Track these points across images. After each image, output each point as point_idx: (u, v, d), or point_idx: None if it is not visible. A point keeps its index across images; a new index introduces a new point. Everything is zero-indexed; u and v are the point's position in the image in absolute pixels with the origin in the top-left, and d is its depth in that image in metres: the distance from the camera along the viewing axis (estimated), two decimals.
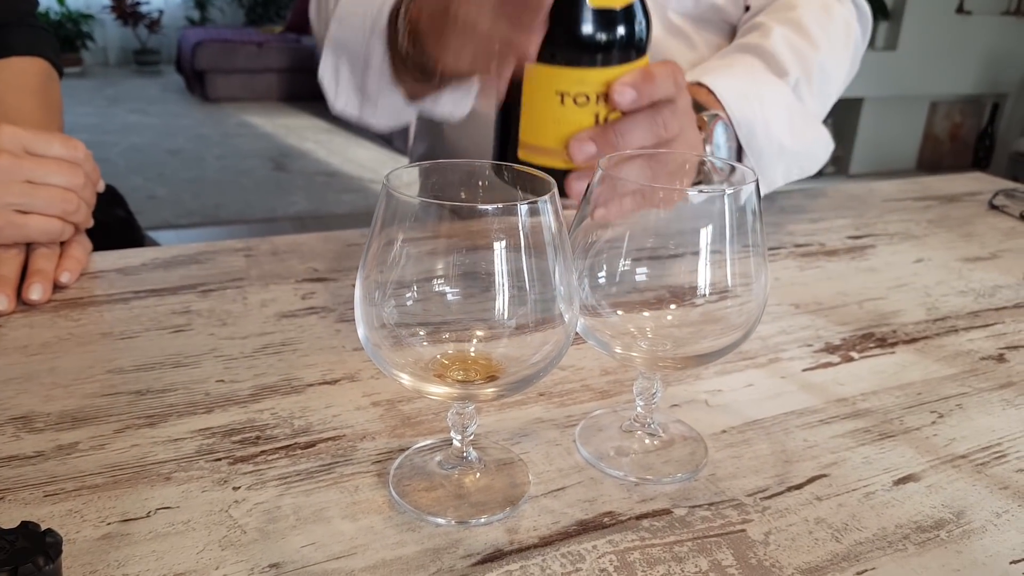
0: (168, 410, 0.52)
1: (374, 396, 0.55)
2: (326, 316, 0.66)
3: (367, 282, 0.42)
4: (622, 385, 0.59)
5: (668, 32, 0.99)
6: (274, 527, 0.43)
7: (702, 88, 0.78)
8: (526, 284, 0.41)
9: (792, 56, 0.87)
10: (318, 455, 0.49)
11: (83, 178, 0.68)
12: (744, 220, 0.46)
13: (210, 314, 0.65)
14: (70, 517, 0.43)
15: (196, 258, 0.76)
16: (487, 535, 0.43)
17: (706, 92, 0.78)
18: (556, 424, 0.54)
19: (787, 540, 0.44)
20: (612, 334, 0.49)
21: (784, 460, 0.51)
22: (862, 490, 0.49)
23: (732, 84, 0.79)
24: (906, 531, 0.45)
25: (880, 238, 0.91)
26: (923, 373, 0.63)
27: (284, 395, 0.55)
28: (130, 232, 0.99)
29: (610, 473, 0.49)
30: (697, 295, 0.47)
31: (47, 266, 0.67)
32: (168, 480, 0.46)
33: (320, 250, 0.79)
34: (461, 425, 0.46)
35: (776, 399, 0.58)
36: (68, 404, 0.52)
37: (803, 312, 0.72)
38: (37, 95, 0.82)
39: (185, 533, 0.42)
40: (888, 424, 0.56)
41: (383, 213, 0.41)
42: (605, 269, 0.49)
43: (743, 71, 0.84)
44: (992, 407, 0.59)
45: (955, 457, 0.53)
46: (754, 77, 0.83)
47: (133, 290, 0.69)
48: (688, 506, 0.46)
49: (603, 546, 0.43)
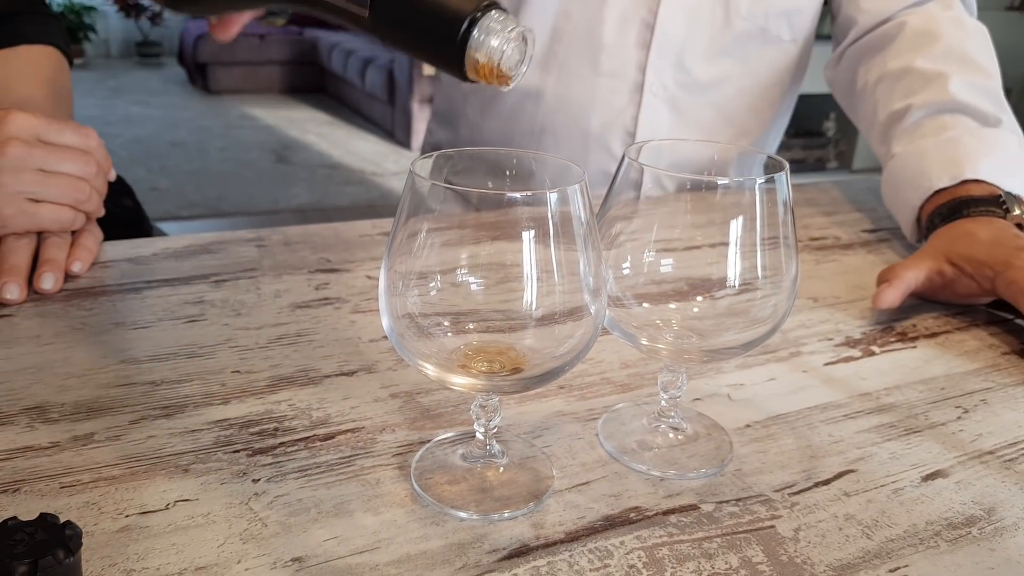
0: (184, 401, 0.52)
1: (392, 388, 0.54)
2: (340, 307, 0.65)
3: (392, 272, 0.41)
4: (643, 378, 0.58)
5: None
6: (295, 520, 0.42)
7: (972, 184, 0.78)
8: (554, 275, 0.40)
9: (985, 100, 0.86)
10: (338, 447, 0.48)
11: (95, 167, 0.67)
12: (775, 212, 0.45)
13: (224, 304, 0.64)
14: (87, 509, 0.42)
15: (208, 248, 0.75)
16: (512, 530, 0.42)
17: (976, 184, 0.78)
18: (578, 418, 0.53)
19: (817, 536, 0.43)
20: (637, 325, 0.48)
21: (810, 455, 0.50)
22: (890, 486, 0.48)
23: (990, 162, 0.79)
24: (937, 528, 0.45)
25: (895, 232, 0.90)
26: (946, 368, 0.62)
27: (301, 386, 0.54)
28: (139, 222, 0.98)
29: (634, 468, 0.48)
30: (725, 287, 0.46)
31: (59, 255, 0.66)
32: (186, 472, 0.45)
33: (332, 241, 0.78)
34: (485, 417, 0.45)
35: (799, 393, 0.57)
36: (83, 394, 0.52)
37: (822, 306, 0.71)
38: (48, 84, 0.81)
39: (205, 526, 0.41)
40: (913, 419, 0.55)
41: (409, 201, 0.40)
42: (630, 260, 0.48)
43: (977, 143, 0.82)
44: (1017, 402, 0.58)
45: (982, 453, 0.52)
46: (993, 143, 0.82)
47: (145, 280, 0.68)
48: (715, 502, 0.46)
49: (631, 542, 0.42)
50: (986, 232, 0.72)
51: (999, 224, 0.73)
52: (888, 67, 0.93)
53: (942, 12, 0.94)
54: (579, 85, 1.00)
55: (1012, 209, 0.75)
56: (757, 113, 1.07)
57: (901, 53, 0.92)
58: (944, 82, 0.87)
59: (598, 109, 1.01)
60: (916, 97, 0.88)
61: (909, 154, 0.85)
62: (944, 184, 0.79)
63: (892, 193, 0.87)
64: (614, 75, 0.99)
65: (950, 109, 0.86)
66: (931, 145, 0.83)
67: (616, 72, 0.99)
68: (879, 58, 0.95)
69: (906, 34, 0.93)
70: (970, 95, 0.86)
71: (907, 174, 0.84)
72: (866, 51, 0.98)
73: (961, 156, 0.80)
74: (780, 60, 1.04)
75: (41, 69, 0.82)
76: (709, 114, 1.04)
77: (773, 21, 1.00)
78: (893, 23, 0.95)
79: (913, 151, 0.84)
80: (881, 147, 0.93)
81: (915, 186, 0.82)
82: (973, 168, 0.78)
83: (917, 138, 0.86)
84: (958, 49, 0.90)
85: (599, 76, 0.99)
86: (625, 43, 0.98)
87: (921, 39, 0.92)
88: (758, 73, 1.03)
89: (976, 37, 0.92)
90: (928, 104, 0.87)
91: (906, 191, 0.83)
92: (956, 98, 0.85)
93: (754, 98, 1.05)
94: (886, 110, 0.91)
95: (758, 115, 1.07)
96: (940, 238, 0.74)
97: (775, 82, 1.05)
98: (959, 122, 0.85)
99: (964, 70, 0.88)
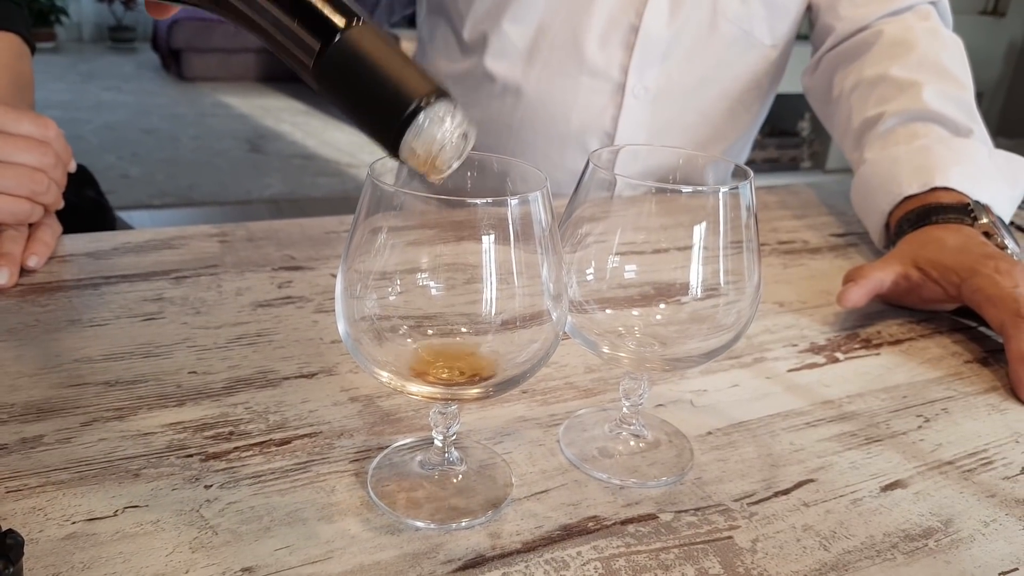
0: (138, 402, 0.51)
1: (352, 391, 0.54)
2: (303, 306, 0.64)
3: (349, 274, 0.40)
4: (606, 383, 0.57)
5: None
6: (247, 528, 0.41)
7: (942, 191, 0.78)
8: (514, 280, 0.40)
9: (957, 110, 0.86)
10: (293, 453, 0.47)
11: (53, 158, 0.66)
12: (739, 217, 0.44)
13: (183, 302, 0.63)
14: (33, 515, 0.41)
15: (169, 243, 0.73)
16: (468, 540, 0.42)
17: (945, 191, 0.78)
18: (539, 423, 0.52)
19: (775, 548, 0.43)
20: (599, 332, 0.48)
21: (771, 464, 0.50)
22: (849, 496, 0.48)
23: (960, 171, 0.79)
24: (894, 540, 0.45)
25: (864, 236, 0.91)
26: (908, 376, 0.62)
27: (259, 388, 0.53)
28: (101, 214, 0.96)
29: (594, 476, 0.48)
30: (687, 293, 0.46)
31: (14, 249, 0.64)
32: (137, 477, 0.44)
33: (297, 237, 0.77)
34: (444, 425, 0.44)
35: (762, 400, 0.57)
36: (33, 394, 0.50)
37: (788, 311, 0.71)
38: (8, 71, 0.79)
39: (154, 534, 0.40)
40: (874, 428, 0.55)
41: (367, 203, 0.39)
42: (593, 265, 0.48)
43: (948, 151, 0.82)
44: (977, 411, 0.58)
45: (942, 463, 0.52)
46: (963, 153, 0.82)
47: (103, 275, 0.66)
48: (674, 511, 0.45)
49: (588, 552, 0.42)
50: (954, 239, 0.72)
51: (967, 232, 0.74)
52: (864, 74, 0.93)
53: (919, 22, 0.94)
54: (560, 83, 0.99)
55: (980, 217, 0.75)
56: (735, 116, 1.07)
57: (877, 61, 0.93)
58: (918, 91, 0.87)
59: (578, 108, 1.00)
60: (889, 105, 0.89)
61: (880, 160, 0.85)
62: (914, 191, 0.79)
63: (862, 198, 0.87)
64: (596, 75, 0.99)
65: (922, 118, 0.86)
66: (903, 152, 0.83)
67: (598, 72, 0.99)
68: (855, 66, 0.95)
69: (882, 43, 0.93)
70: (943, 105, 0.86)
71: (877, 180, 0.84)
72: (843, 58, 0.98)
73: (932, 164, 0.80)
74: (760, 64, 1.04)
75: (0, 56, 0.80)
76: (688, 116, 1.04)
77: (757, 25, 1.00)
78: (870, 31, 0.96)
79: (884, 157, 0.85)
80: (853, 153, 0.93)
81: (885, 191, 0.82)
82: (943, 176, 0.79)
83: (889, 145, 0.86)
84: (933, 59, 0.90)
85: (581, 75, 0.99)
86: (609, 44, 0.97)
87: (897, 48, 0.92)
88: (738, 77, 1.04)
89: (951, 48, 0.93)
90: (901, 112, 0.87)
91: (876, 196, 0.83)
92: (929, 107, 0.86)
93: (733, 102, 1.05)
94: (860, 116, 0.91)
95: (736, 118, 1.07)
96: (908, 243, 0.75)
97: (754, 86, 1.05)
98: (931, 131, 0.85)
99: (938, 80, 0.89)
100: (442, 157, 0.36)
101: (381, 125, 0.35)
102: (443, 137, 0.35)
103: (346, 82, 0.35)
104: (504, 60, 1.00)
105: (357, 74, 0.35)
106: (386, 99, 0.34)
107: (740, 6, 0.98)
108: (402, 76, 0.34)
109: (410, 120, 0.34)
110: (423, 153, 0.35)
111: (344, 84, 0.35)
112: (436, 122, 0.35)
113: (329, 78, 0.35)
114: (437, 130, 0.35)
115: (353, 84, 0.35)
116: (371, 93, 0.35)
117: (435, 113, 0.35)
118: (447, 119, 0.35)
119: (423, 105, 0.34)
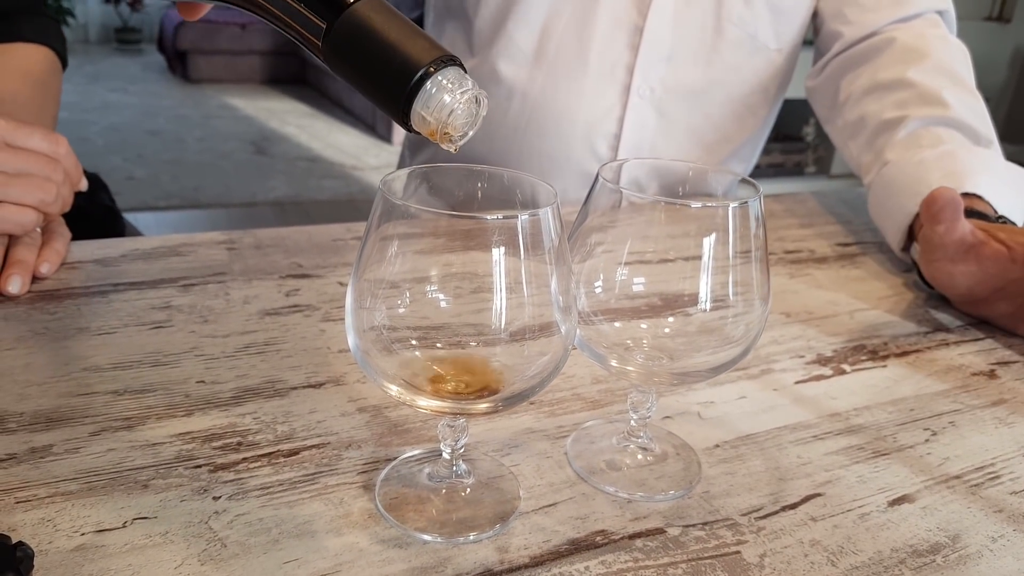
0: (146, 412, 0.51)
1: (360, 401, 0.54)
2: (311, 315, 0.64)
3: (359, 289, 0.40)
4: (614, 395, 0.57)
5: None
6: (255, 541, 0.41)
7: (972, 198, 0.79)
8: (524, 294, 0.40)
9: (977, 120, 0.87)
10: (302, 464, 0.47)
11: (62, 175, 0.66)
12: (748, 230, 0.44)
13: (191, 310, 0.63)
14: (42, 526, 0.41)
15: (177, 250, 0.74)
16: (476, 554, 0.42)
17: (976, 199, 0.79)
18: (547, 435, 0.52)
19: (783, 564, 0.43)
20: (607, 345, 0.48)
21: (778, 478, 0.50)
22: (857, 511, 0.48)
23: (987, 181, 0.80)
24: (902, 555, 0.45)
25: (869, 246, 0.91)
26: (915, 388, 0.62)
27: (267, 398, 0.53)
28: (112, 220, 0.96)
29: (602, 489, 0.48)
30: (696, 304, 0.46)
31: (28, 257, 0.64)
32: (146, 488, 0.44)
33: (305, 245, 0.77)
34: (452, 438, 0.44)
35: (769, 412, 0.57)
36: (42, 403, 0.51)
37: (794, 322, 0.71)
38: (37, 85, 0.79)
39: (163, 546, 0.40)
40: (881, 441, 0.55)
41: (378, 219, 0.39)
42: (602, 277, 0.48)
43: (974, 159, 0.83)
44: (985, 425, 0.58)
45: (949, 477, 0.52)
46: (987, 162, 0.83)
47: (112, 283, 0.67)
48: (682, 525, 0.45)
49: (595, 567, 0.42)
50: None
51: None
52: (878, 78, 0.93)
53: (929, 29, 0.95)
54: (566, 85, 1.00)
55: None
56: (741, 120, 1.07)
57: (892, 65, 0.93)
58: (940, 96, 0.87)
59: (584, 109, 1.00)
60: (911, 108, 0.89)
61: (906, 162, 0.85)
62: None
63: (884, 199, 0.86)
64: (601, 76, 0.99)
65: (946, 123, 0.86)
66: (930, 156, 0.83)
67: (604, 73, 0.99)
68: (866, 69, 0.95)
69: (896, 48, 0.93)
70: (965, 113, 0.87)
71: (903, 181, 0.84)
72: (851, 63, 0.98)
73: (960, 170, 0.80)
74: (766, 68, 1.04)
75: (32, 68, 0.81)
76: (694, 119, 1.04)
77: (763, 29, 1.00)
78: (881, 37, 0.96)
79: (910, 159, 0.85)
80: (866, 155, 0.93)
81: (912, 193, 0.81)
82: (973, 183, 0.79)
83: (912, 147, 0.86)
84: (948, 67, 0.91)
85: (586, 76, 0.99)
86: (614, 45, 0.98)
87: (911, 54, 0.92)
88: (744, 80, 1.04)
89: (961, 57, 0.93)
90: (925, 116, 0.87)
91: (901, 198, 0.83)
92: (953, 114, 0.86)
93: (739, 105, 1.05)
94: (877, 119, 0.91)
95: (742, 122, 1.07)
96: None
97: (760, 89, 1.05)
98: (954, 137, 0.85)
99: (956, 88, 0.89)
100: (453, 123, 0.36)
101: (391, 95, 0.35)
102: (452, 102, 0.35)
103: (355, 56, 0.35)
104: (510, 62, 1.00)
105: (365, 47, 0.35)
106: (394, 69, 0.35)
107: (744, 9, 0.98)
108: (409, 45, 0.35)
109: (418, 87, 0.35)
110: (434, 120, 0.35)
111: (353, 58, 0.36)
112: (444, 88, 0.35)
113: (338, 54, 0.36)
114: (447, 96, 0.35)
115: (362, 57, 0.35)
116: (379, 64, 0.35)
117: (443, 79, 0.35)
118: (456, 85, 0.35)
119: (431, 72, 0.35)
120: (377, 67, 0.35)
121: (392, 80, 0.35)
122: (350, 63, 0.36)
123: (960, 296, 0.74)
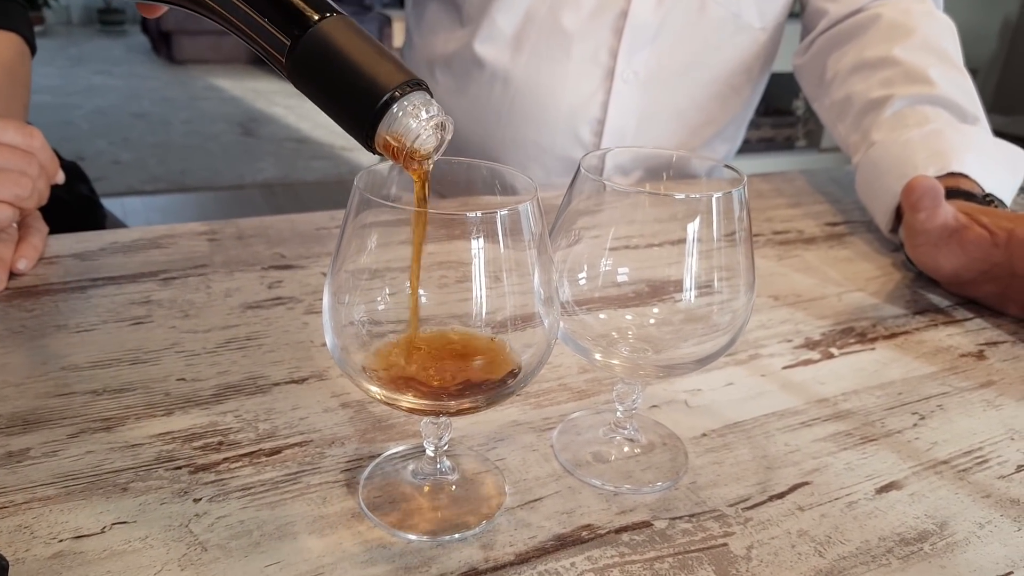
0: (125, 412, 0.50)
1: (343, 396, 0.53)
2: (293, 307, 0.63)
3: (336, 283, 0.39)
4: (600, 384, 0.57)
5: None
6: (237, 544, 0.41)
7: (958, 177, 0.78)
8: (504, 289, 0.39)
9: (964, 97, 0.86)
10: (284, 463, 0.47)
11: (37, 168, 0.64)
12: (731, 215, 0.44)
13: (171, 304, 0.62)
14: (19, 533, 0.40)
15: (157, 242, 0.73)
16: (461, 552, 0.41)
17: (962, 178, 0.78)
18: (533, 427, 0.52)
19: (770, 555, 0.43)
20: (592, 337, 0.47)
21: (766, 466, 0.50)
22: (844, 499, 0.48)
23: (974, 158, 0.79)
24: (889, 544, 0.44)
25: (857, 225, 0.90)
26: (903, 371, 0.62)
27: (249, 395, 0.53)
28: (91, 210, 0.95)
29: (588, 482, 0.47)
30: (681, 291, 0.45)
31: (4, 253, 0.63)
32: (125, 491, 0.44)
33: (287, 234, 0.76)
34: (435, 435, 0.44)
35: (756, 399, 0.57)
36: (20, 405, 0.50)
37: (782, 305, 0.71)
38: (5, 73, 0.78)
39: (142, 551, 0.40)
40: (870, 427, 0.55)
41: (354, 215, 0.38)
42: (586, 265, 0.47)
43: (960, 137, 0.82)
44: (973, 408, 0.58)
45: (937, 463, 0.52)
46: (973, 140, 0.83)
47: (91, 277, 0.66)
48: (668, 518, 0.45)
49: (582, 563, 0.41)
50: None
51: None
52: (864, 56, 0.92)
53: (916, 5, 0.94)
54: (549, 69, 0.98)
55: (996, 206, 0.75)
56: (725, 100, 1.06)
57: (877, 43, 0.92)
58: (926, 74, 0.87)
59: (568, 94, 0.99)
60: (897, 87, 0.88)
61: (892, 142, 0.84)
62: (930, 174, 0.78)
63: (871, 181, 0.86)
64: (585, 60, 0.98)
65: (932, 101, 0.86)
66: (916, 136, 0.83)
67: (587, 57, 0.98)
68: (852, 47, 0.94)
69: (881, 25, 0.92)
70: (951, 91, 0.86)
71: (889, 161, 0.83)
72: (837, 40, 0.97)
73: (946, 148, 0.80)
74: (750, 48, 1.03)
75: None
76: (678, 101, 1.03)
77: (746, 7, 0.99)
78: (866, 14, 0.95)
79: (896, 139, 0.84)
80: (853, 135, 0.92)
81: (899, 174, 0.81)
82: (959, 161, 0.78)
83: (899, 127, 0.85)
84: (935, 43, 0.90)
85: (570, 60, 0.98)
86: (598, 28, 0.96)
87: (897, 30, 0.91)
88: (728, 60, 1.03)
89: (947, 33, 0.92)
90: (911, 95, 0.86)
91: (888, 179, 0.82)
92: (938, 92, 0.85)
93: (723, 85, 1.04)
94: (863, 97, 0.91)
95: (726, 102, 1.06)
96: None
97: (743, 69, 1.04)
98: (940, 115, 0.85)
99: (942, 64, 0.88)
100: (418, 148, 0.35)
101: (355, 117, 0.35)
102: (418, 127, 0.34)
103: (319, 75, 0.35)
104: (492, 46, 0.99)
105: (330, 66, 0.34)
106: (359, 91, 0.34)
107: None
108: (376, 67, 0.34)
109: (384, 111, 0.34)
110: (398, 144, 0.35)
111: (317, 77, 0.35)
112: (410, 113, 0.34)
113: (302, 72, 0.35)
114: (412, 121, 0.34)
115: (326, 77, 0.34)
116: (344, 85, 0.34)
117: (409, 104, 0.34)
118: (422, 110, 0.34)
119: (396, 96, 0.34)
120: (342, 88, 0.34)
121: (357, 102, 0.34)
122: (314, 82, 0.35)
123: (946, 278, 0.73)
